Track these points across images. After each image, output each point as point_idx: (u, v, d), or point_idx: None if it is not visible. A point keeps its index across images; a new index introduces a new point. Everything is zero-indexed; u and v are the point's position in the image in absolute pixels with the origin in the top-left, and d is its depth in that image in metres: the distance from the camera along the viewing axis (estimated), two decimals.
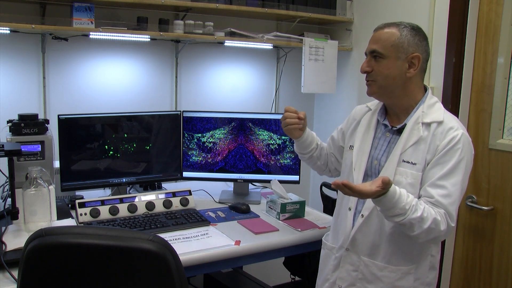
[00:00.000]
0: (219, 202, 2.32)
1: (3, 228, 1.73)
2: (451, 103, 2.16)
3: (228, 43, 2.65)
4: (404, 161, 1.50)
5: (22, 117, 1.91)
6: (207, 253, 1.72)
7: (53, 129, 2.05)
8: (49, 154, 1.91)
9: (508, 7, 2.00)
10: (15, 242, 1.60)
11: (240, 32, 2.57)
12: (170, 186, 2.48)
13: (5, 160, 1.68)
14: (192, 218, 2.00)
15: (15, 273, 1.39)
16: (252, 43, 2.63)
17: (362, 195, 1.34)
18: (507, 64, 2.02)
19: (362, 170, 1.59)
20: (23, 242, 1.19)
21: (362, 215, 1.56)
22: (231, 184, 2.50)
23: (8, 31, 2.16)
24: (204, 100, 2.79)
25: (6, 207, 1.91)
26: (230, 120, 2.37)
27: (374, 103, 1.68)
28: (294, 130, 1.74)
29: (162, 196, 2.12)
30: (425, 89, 1.57)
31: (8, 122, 1.94)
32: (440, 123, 1.49)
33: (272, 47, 2.85)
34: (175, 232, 1.89)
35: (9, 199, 1.78)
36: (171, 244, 1.18)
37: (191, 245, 1.76)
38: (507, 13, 2.00)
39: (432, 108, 1.53)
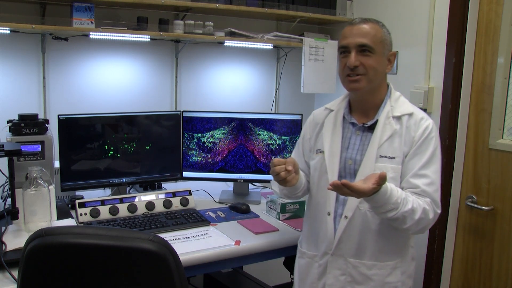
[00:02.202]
0: (219, 202, 2.32)
1: (3, 228, 1.73)
2: (451, 103, 2.16)
3: (228, 43, 2.65)
4: (382, 156, 1.51)
5: (22, 117, 1.91)
6: (207, 253, 1.72)
7: (53, 129, 2.05)
8: (49, 154, 1.91)
9: (508, 7, 1.99)
10: (15, 242, 1.60)
11: (240, 32, 2.57)
12: (170, 186, 2.48)
13: (5, 160, 1.68)
14: (192, 218, 2.00)
15: (15, 273, 1.39)
16: (252, 43, 2.63)
17: (360, 194, 1.33)
18: (507, 64, 2.01)
19: (336, 172, 1.57)
20: (23, 242, 1.19)
21: (345, 216, 1.54)
22: (231, 184, 2.49)
23: (8, 31, 2.16)
24: (204, 100, 2.79)
25: (6, 207, 1.91)
26: (230, 120, 2.37)
27: (334, 104, 1.69)
28: (286, 182, 1.56)
29: (162, 196, 2.12)
30: (387, 85, 1.61)
31: (8, 122, 1.94)
32: (410, 115, 1.54)
33: (272, 47, 2.84)
34: (175, 232, 1.89)
35: (9, 199, 1.78)
36: (171, 244, 1.18)
37: (191, 245, 1.76)
38: (507, 13, 2.00)
39: (398, 102, 1.57)
